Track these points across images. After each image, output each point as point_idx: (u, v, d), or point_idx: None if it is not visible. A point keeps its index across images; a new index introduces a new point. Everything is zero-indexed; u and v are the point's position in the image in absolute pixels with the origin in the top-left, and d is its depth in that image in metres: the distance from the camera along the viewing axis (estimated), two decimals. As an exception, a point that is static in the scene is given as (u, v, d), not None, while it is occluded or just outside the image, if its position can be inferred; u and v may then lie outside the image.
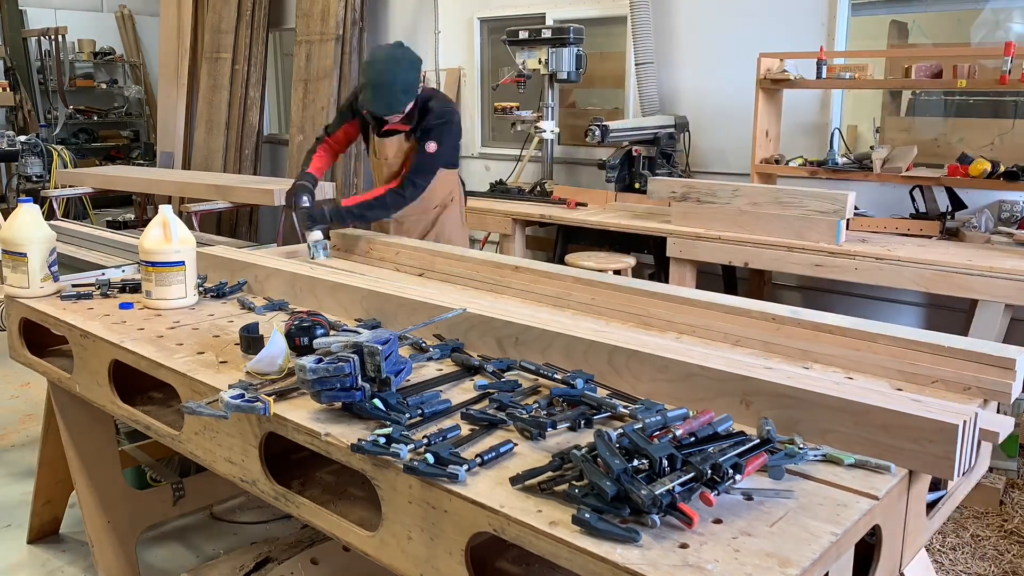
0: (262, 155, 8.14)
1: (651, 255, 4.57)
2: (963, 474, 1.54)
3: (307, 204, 3.30)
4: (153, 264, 2.50)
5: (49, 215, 6.25)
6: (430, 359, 2.05)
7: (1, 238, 2.61)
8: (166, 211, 2.53)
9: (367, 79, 3.27)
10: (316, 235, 3.18)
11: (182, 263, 2.52)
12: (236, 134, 7.99)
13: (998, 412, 2.01)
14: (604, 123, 4.83)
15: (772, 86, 4.57)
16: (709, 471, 1.32)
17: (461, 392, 1.86)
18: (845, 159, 4.44)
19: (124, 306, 2.56)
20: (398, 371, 1.76)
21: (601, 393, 1.78)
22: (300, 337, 2.00)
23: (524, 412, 1.66)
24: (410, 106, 3.34)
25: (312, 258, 3.13)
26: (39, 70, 9.85)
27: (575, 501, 1.32)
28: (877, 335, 1.95)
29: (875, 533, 1.46)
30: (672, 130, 5.19)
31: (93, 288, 2.69)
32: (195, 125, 8.37)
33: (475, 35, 6.64)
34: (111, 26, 10.50)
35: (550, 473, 1.42)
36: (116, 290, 2.72)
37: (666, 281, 4.23)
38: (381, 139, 3.51)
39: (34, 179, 8.32)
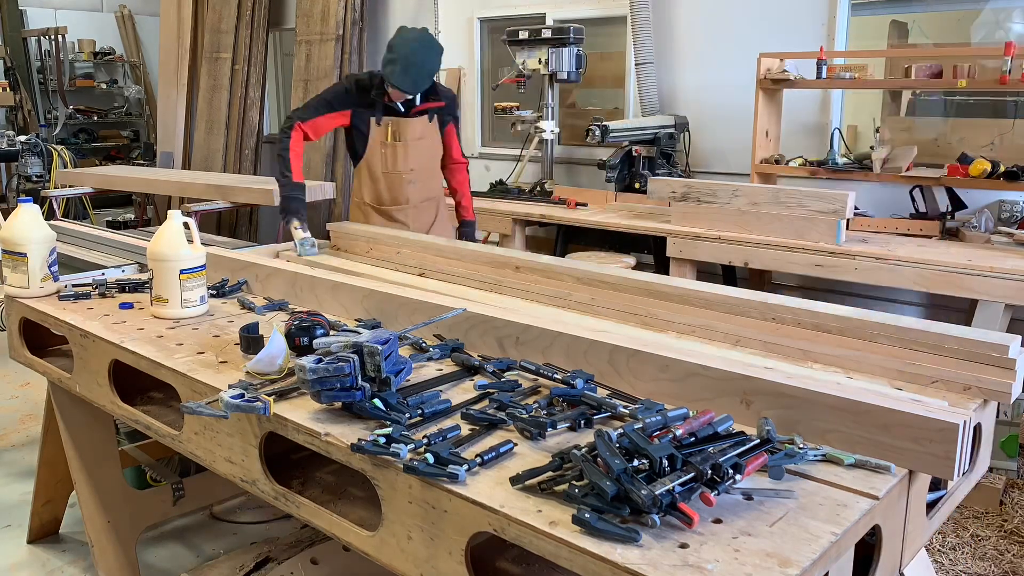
0: (262, 155, 8.14)
1: (651, 255, 4.57)
2: (963, 474, 1.54)
3: (304, 232, 3.29)
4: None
5: (49, 215, 6.25)
6: (430, 359, 2.05)
7: (1, 238, 2.61)
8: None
9: (397, 55, 3.30)
10: (301, 234, 3.26)
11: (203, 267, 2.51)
12: (236, 134, 7.99)
13: (998, 412, 2.02)
14: (604, 123, 4.83)
15: (772, 86, 4.57)
16: (709, 471, 1.32)
17: (461, 392, 1.86)
18: (845, 159, 4.43)
19: (124, 306, 2.56)
20: (398, 371, 1.76)
21: (601, 393, 1.78)
22: (300, 337, 2.00)
23: (524, 412, 1.66)
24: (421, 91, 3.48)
25: (302, 255, 3.17)
26: (39, 70, 9.84)
27: (575, 501, 1.32)
28: (877, 335, 1.96)
29: (875, 533, 1.46)
30: (672, 130, 5.19)
31: (91, 288, 2.69)
32: (195, 125, 8.37)
33: (475, 35, 6.64)
34: (111, 26, 10.50)
35: (550, 473, 1.42)
36: (115, 290, 2.72)
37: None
38: (409, 119, 3.54)
39: (34, 179, 8.31)
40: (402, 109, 3.52)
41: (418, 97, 3.52)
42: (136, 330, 2.33)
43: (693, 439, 1.43)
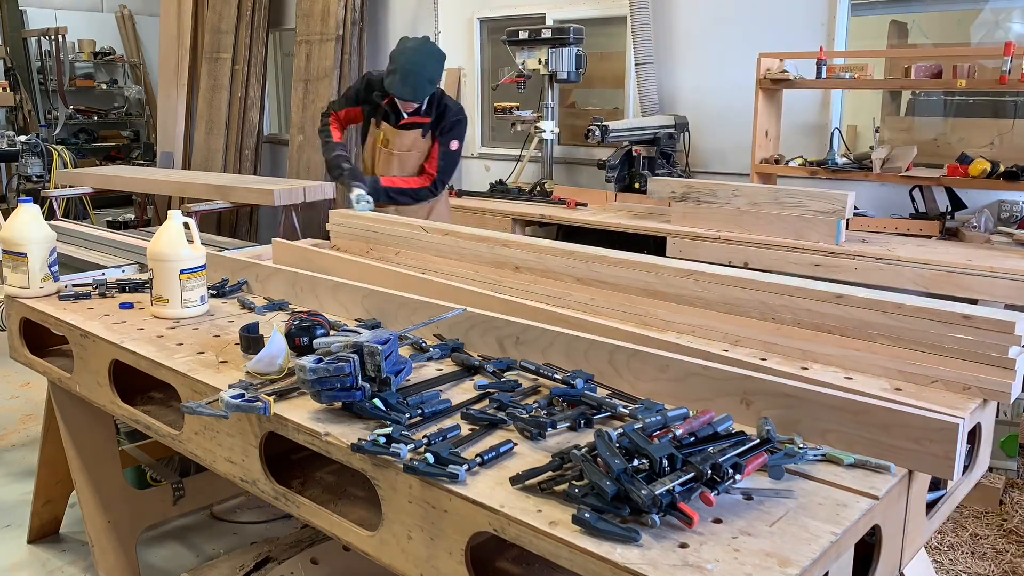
0: (262, 155, 8.14)
1: (651, 255, 4.57)
2: (962, 473, 1.54)
3: (350, 165, 3.65)
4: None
5: (49, 215, 6.26)
6: (430, 359, 2.05)
7: (1, 238, 2.61)
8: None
9: (396, 65, 3.46)
10: (359, 191, 3.55)
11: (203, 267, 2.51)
12: (236, 134, 7.99)
13: (998, 412, 2.02)
14: (604, 123, 4.83)
15: (772, 86, 4.57)
16: (709, 471, 1.32)
17: (461, 392, 1.86)
18: (845, 159, 4.43)
19: (124, 306, 2.56)
20: (398, 371, 1.77)
21: (601, 393, 1.78)
22: (300, 337, 2.00)
23: (524, 412, 1.66)
24: (426, 98, 3.58)
25: (359, 211, 3.42)
26: (39, 70, 9.84)
27: (575, 501, 1.32)
28: (877, 335, 1.96)
29: (875, 533, 1.46)
30: (672, 130, 5.19)
31: (91, 288, 2.69)
32: (195, 125, 8.37)
33: (475, 35, 6.64)
34: (111, 26, 10.50)
35: (550, 473, 1.42)
36: (115, 290, 2.72)
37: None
38: (397, 130, 3.68)
39: (34, 179, 8.32)
40: (399, 118, 3.66)
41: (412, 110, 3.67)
42: (136, 330, 2.33)
43: (693, 439, 1.43)
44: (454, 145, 3.71)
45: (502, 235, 2.84)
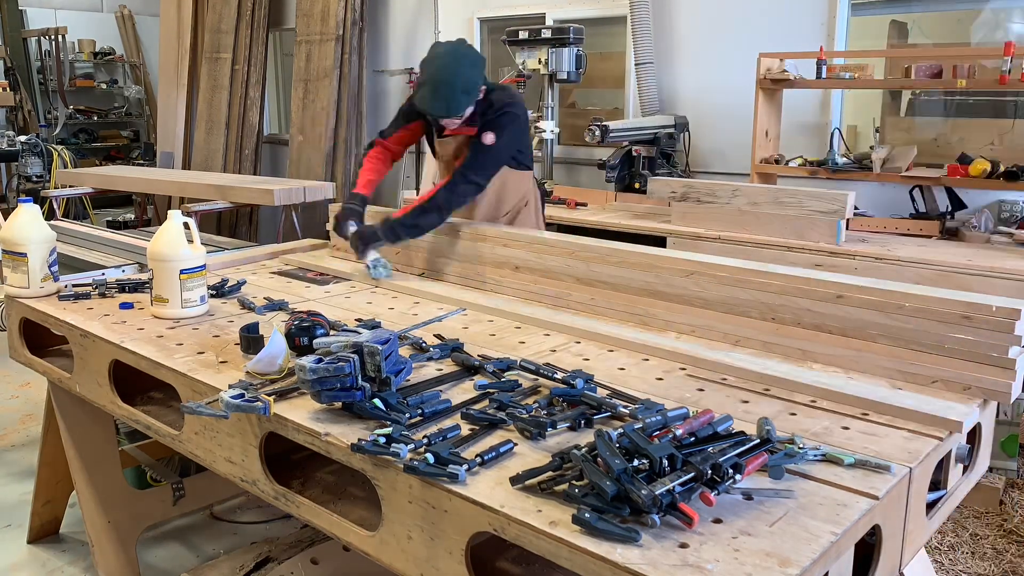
0: (262, 155, 8.14)
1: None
2: (962, 473, 1.53)
3: (354, 228, 2.96)
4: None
5: (49, 215, 6.25)
6: (430, 359, 2.05)
7: (1, 238, 2.61)
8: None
9: (425, 76, 2.92)
10: (372, 255, 2.92)
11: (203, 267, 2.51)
12: (236, 134, 7.99)
13: (998, 412, 2.02)
14: (604, 123, 4.83)
15: (772, 86, 4.56)
16: (709, 471, 1.32)
17: (461, 392, 1.86)
18: (845, 159, 4.43)
19: (124, 306, 2.56)
20: (398, 371, 1.77)
21: (601, 393, 1.78)
22: (300, 337, 2.00)
23: (524, 412, 1.66)
24: (470, 109, 2.96)
25: (375, 278, 2.88)
26: (39, 70, 9.84)
27: (575, 501, 1.32)
28: (877, 335, 1.96)
29: (875, 533, 1.46)
30: (672, 130, 5.19)
31: (91, 288, 2.69)
32: (195, 125, 8.37)
33: (475, 35, 6.64)
34: (111, 26, 10.50)
35: (550, 473, 1.42)
36: (115, 290, 2.72)
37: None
38: (442, 140, 3.20)
39: (34, 179, 8.32)
40: (442, 128, 3.11)
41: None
42: (136, 330, 2.33)
43: (693, 439, 1.43)
44: (487, 138, 3.01)
45: (503, 230, 2.83)
